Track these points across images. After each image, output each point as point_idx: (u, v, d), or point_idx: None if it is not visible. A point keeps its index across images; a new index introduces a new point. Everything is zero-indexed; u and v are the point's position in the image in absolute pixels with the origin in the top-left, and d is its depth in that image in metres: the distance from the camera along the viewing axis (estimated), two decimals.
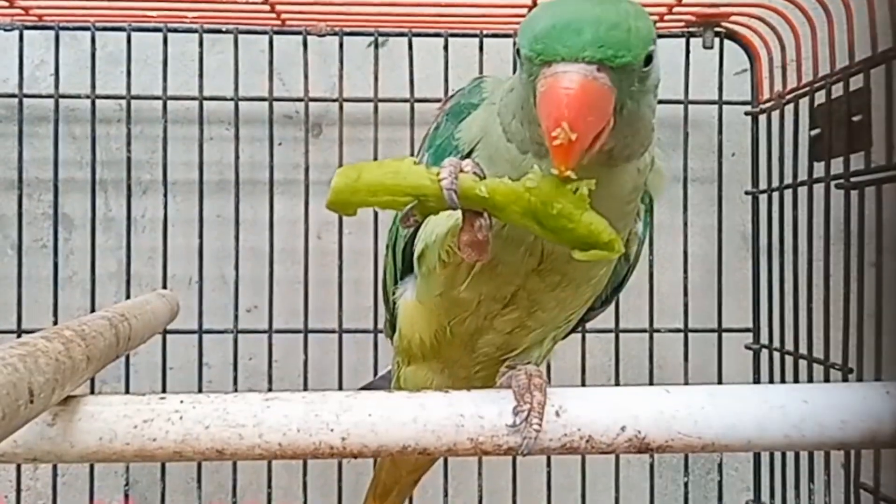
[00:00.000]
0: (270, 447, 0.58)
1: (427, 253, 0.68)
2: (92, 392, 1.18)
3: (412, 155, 0.65)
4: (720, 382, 1.18)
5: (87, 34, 1.15)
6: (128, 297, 1.15)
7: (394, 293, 0.77)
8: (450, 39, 1.16)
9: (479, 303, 0.67)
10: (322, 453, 0.58)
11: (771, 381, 1.15)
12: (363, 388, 0.92)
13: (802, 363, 1.06)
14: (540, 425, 0.58)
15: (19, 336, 1.09)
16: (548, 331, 0.70)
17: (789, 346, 1.09)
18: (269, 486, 1.15)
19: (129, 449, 0.57)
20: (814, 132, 1.04)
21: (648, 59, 0.54)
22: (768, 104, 1.16)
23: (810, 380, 1.04)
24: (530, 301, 0.66)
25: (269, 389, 1.16)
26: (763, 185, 1.18)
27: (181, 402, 0.58)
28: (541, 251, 0.63)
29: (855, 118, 0.93)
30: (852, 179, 0.94)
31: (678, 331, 1.18)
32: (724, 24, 1.17)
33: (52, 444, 0.57)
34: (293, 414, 0.58)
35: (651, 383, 1.17)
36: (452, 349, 0.72)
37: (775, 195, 1.14)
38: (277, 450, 0.58)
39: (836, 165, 0.98)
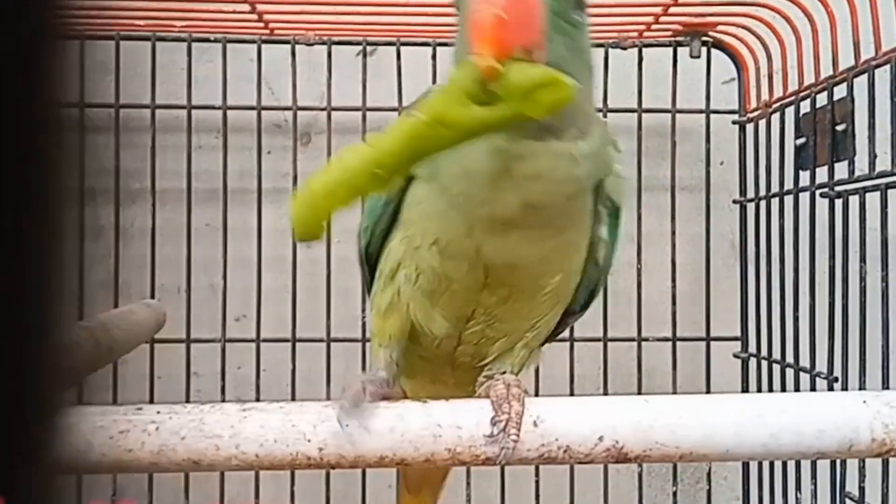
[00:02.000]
0: (247, 458, 0.58)
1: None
2: (79, 401, 1.18)
3: None
4: (709, 391, 1.18)
5: (76, 43, 1.15)
6: (116, 306, 1.15)
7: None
8: (437, 48, 1.16)
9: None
10: (299, 464, 0.58)
11: (759, 389, 1.15)
12: None
13: (790, 371, 1.06)
14: (517, 435, 0.58)
15: None
16: (513, 340, 0.70)
17: (777, 355, 1.09)
18: (257, 496, 1.14)
19: (105, 460, 0.57)
20: (799, 141, 1.04)
21: (579, 3, 0.57)
22: (755, 113, 1.16)
23: (797, 389, 1.04)
24: (488, 315, 0.67)
25: (258, 399, 1.16)
26: (751, 193, 1.18)
27: (157, 412, 0.58)
28: (483, 265, 0.64)
29: (839, 127, 0.94)
30: (836, 188, 0.94)
31: (666, 339, 1.18)
32: (711, 33, 1.17)
33: None
34: (270, 424, 0.58)
35: (639, 392, 1.17)
36: (433, 366, 0.74)
37: (763, 203, 1.14)
38: (254, 461, 0.58)
39: (822, 174, 0.98)
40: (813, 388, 0.99)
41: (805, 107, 1.03)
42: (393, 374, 0.70)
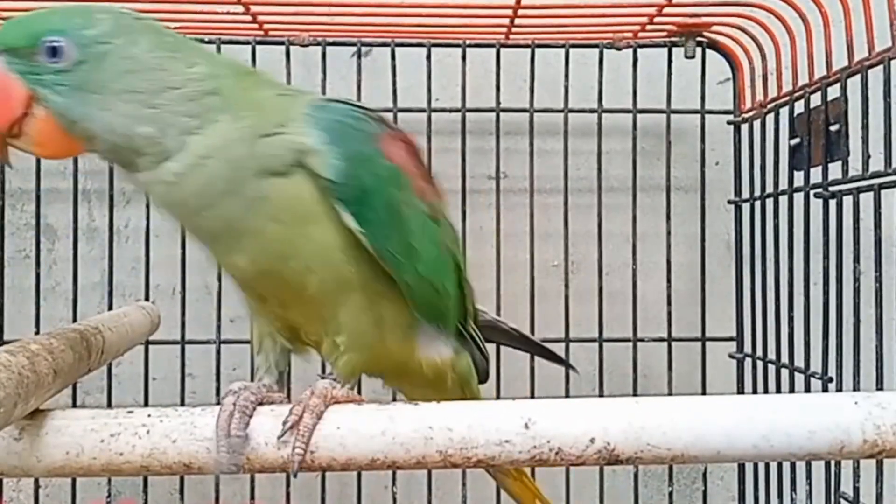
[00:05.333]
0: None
1: None
2: (74, 403, 1.18)
3: None
4: (704, 392, 1.18)
5: None
6: (110, 307, 1.15)
7: None
8: (433, 49, 1.16)
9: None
10: (290, 466, 0.58)
11: (754, 390, 1.15)
12: None
13: (785, 372, 1.06)
14: (302, 448, 0.56)
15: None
16: (334, 344, 0.68)
17: (772, 356, 1.09)
18: (253, 497, 1.14)
19: (96, 463, 0.57)
20: (793, 141, 1.04)
21: (53, 52, 0.56)
22: (750, 113, 1.17)
23: (792, 389, 1.04)
24: (296, 320, 0.69)
25: None
26: (746, 193, 1.18)
27: (148, 415, 0.58)
28: (245, 278, 0.66)
29: (833, 127, 0.93)
30: (831, 189, 0.94)
31: (662, 340, 1.18)
32: (705, 33, 1.17)
33: (18, 459, 0.57)
34: (261, 427, 0.58)
35: (635, 393, 1.17)
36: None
37: (758, 204, 1.14)
38: (245, 463, 0.58)
39: (816, 174, 0.98)
40: (808, 389, 0.99)
41: (799, 107, 1.03)
42: (275, 379, 0.71)
